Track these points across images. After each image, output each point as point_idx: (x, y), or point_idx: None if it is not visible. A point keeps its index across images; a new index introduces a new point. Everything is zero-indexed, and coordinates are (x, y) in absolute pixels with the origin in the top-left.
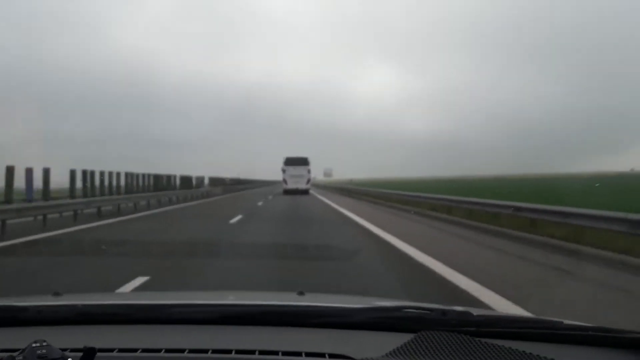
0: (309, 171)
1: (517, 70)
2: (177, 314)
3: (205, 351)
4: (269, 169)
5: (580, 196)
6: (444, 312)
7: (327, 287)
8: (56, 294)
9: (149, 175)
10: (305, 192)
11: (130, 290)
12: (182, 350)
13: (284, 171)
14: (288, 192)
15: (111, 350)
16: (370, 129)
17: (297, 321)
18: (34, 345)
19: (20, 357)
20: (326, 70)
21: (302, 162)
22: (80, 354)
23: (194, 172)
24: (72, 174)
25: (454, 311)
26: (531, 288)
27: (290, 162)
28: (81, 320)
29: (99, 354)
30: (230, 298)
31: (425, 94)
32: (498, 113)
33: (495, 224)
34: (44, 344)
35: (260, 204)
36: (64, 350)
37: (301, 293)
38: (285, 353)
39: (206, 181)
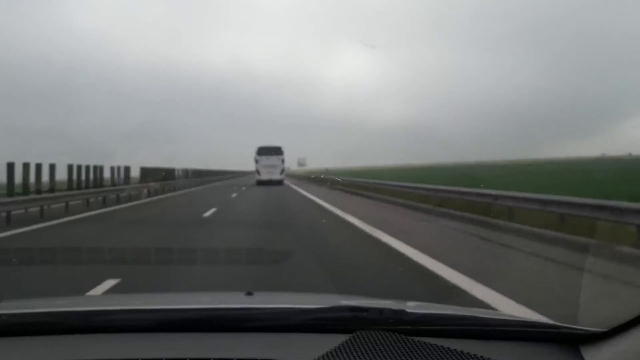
0: (282, 161)
1: (495, 57)
2: (114, 321)
3: None
4: (241, 160)
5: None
6: (380, 312)
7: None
8: None
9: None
10: (279, 182)
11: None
12: None
13: (256, 161)
14: (261, 183)
15: None
16: (345, 117)
17: (235, 326)
18: None
19: None
20: (299, 56)
21: (276, 151)
22: None
23: (147, 164)
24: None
25: (390, 310)
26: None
27: (263, 151)
28: (11, 332)
29: None
30: (174, 302)
31: (400, 80)
32: (474, 100)
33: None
34: None
35: (212, 211)
36: None
37: (249, 293)
38: None
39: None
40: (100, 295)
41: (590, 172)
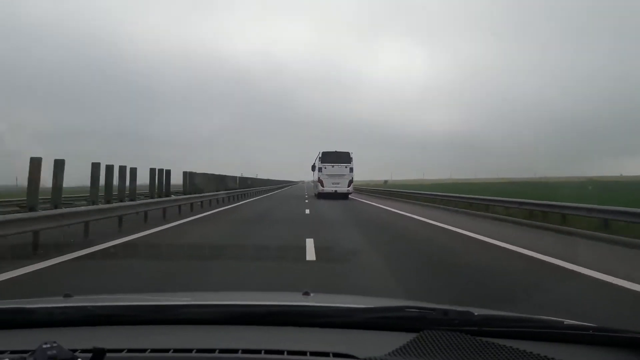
0: (351, 170)
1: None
2: (185, 314)
3: (213, 351)
4: (275, 168)
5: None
6: (445, 312)
7: None
8: (67, 295)
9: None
10: (344, 196)
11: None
12: (189, 350)
13: (319, 170)
14: (323, 196)
15: (120, 350)
16: (387, 125)
17: (302, 321)
18: (44, 346)
19: (31, 358)
20: (335, 52)
21: (344, 158)
22: (90, 354)
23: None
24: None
25: (455, 311)
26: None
27: (329, 157)
28: (90, 322)
29: (108, 354)
30: (237, 298)
31: (450, 86)
32: (532, 109)
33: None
34: (54, 344)
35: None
36: (73, 351)
37: (306, 293)
38: (290, 352)
39: None
40: (171, 293)
41: None
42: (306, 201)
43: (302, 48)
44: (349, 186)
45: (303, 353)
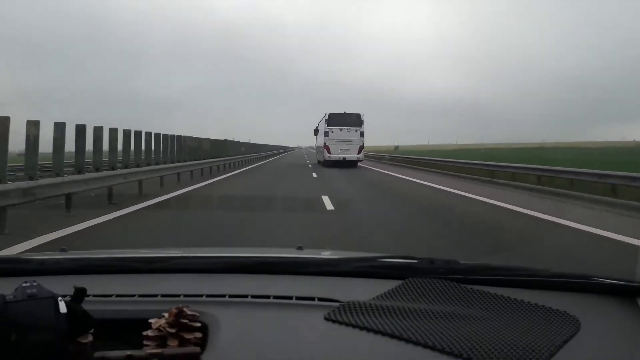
0: (362, 134)
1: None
2: (175, 265)
3: (200, 295)
4: (270, 132)
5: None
6: (431, 261)
7: None
8: (62, 249)
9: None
10: (353, 164)
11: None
12: (177, 295)
13: (325, 134)
14: (329, 163)
15: (109, 295)
16: (392, 89)
17: (289, 270)
18: (24, 284)
19: (11, 296)
20: (336, 7)
21: (354, 120)
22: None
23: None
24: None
25: (441, 260)
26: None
27: (336, 120)
28: (83, 272)
29: (97, 298)
30: (232, 252)
31: (455, 47)
32: (536, 74)
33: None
34: (34, 283)
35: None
36: (62, 296)
37: (300, 248)
38: (276, 297)
39: None
40: (162, 249)
41: None
42: (314, 175)
43: (300, 3)
44: (359, 153)
45: (289, 297)
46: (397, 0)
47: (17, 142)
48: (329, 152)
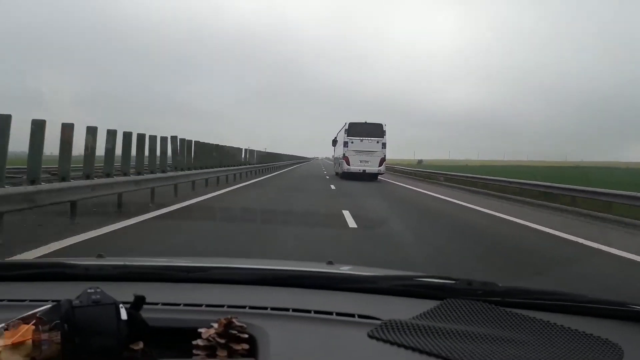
0: (383, 146)
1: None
2: (217, 274)
3: (243, 307)
4: (286, 142)
5: None
6: (469, 282)
7: None
8: (100, 255)
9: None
10: (373, 177)
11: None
12: (221, 306)
13: (345, 144)
14: (347, 175)
15: (155, 304)
16: (412, 100)
17: (328, 285)
18: (89, 290)
19: (77, 301)
20: (355, 16)
21: (375, 131)
22: (129, 304)
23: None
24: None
25: (479, 282)
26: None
27: (357, 130)
28: (125, 278)
29: (145, 305)
30: (266, 264)
31: (480, 60)
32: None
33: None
34: (98, 289)
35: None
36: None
37: (330, 263)
38: (317, 312)
39: None
40: (203, 257)
41: None
42: (332, 187)
43: (317, 9)
44: (380, 165)
45: (329, 313)
46: (420, 10)
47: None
48: (348, 164)
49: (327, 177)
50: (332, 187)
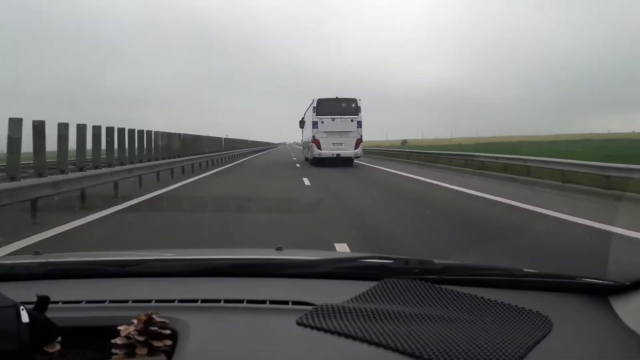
0: (359, 124)
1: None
2: (148, 268)
3: (172, 301)
4: (249, 128)
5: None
6: (406, 261)
7: None
8: (36, 253)
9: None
10: (347, 161)
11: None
12: (148, 301)
13: (314, 125)
14: (318, 161)
15: (79, 301)
16: (382, 78)
17: (265, 273)
18: None
19: None
20: None
21: (348, 107)
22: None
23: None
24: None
25: (416, 260)
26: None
27: (327, 107)
28: (53, 276)
29: (67, 305)
30: (208, 254)
31: (451, 32)
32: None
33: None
34: None
35: None
36: (27, 303)
37: (279, 248)
38: (249, 301)
39: None
40: (136, 251)
41: None
42: (305, 182)
43: None
44: (356, 148)
45: (262, 302)
46: None
47: None
48: (319, 148)
49: (298, 165)
50: (306, 181)
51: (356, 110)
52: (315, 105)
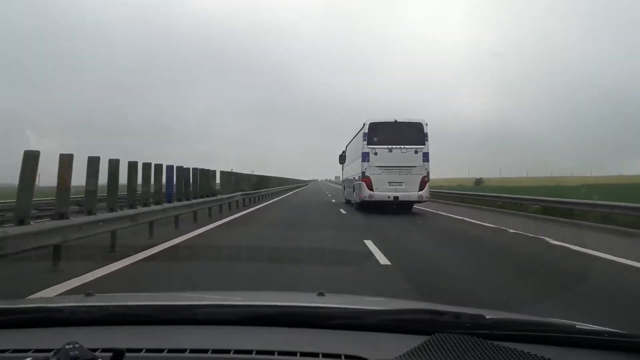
0: (425, 157)
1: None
2: (201, 314)
3: (228, 351)
4: (278, 164)
5: None
6: (457, 315)
7: None
8: (89, 294)
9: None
10: (409, 206)
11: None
12: (205, 351)
13: (364, 157)
14: (366, 205)
15: (139, 350)
16: (435, 113)
17: (314, 322)
18: (67, 346)
19: (55, 358)
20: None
21: (411, 134)
22: (111, 354)
23: None
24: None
25: (467, 314)
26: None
27: (383, 133)
28: (112, 321)
29: (128, 354)
30: (254, 299)
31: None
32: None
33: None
34: (77, 345)
35: None
36: (95, 350)
37: (321, 294)
38: (303, 354)
39: None
40: (185, 293)
41: None
42: (368, 246)
43: (310, 9)
44: (421, 189)
45: (315, 355)
46: (429, 10)
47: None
48: (371, 188)
49: (344, 212)
50: (374, 250)
51: (422, 139)
52: (366, 130)
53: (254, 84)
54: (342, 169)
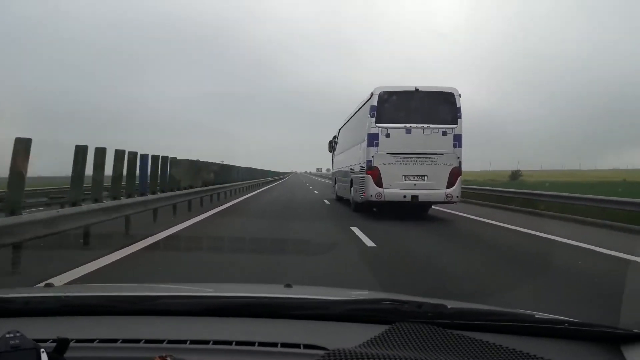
0: (457, 141)
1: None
2: (160, 305)
3: (184, 342)
4: (253, 155)
5: None
6: (419, 305)
7: None
8: (48, 284)
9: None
10: (425, 207)
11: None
12: (161, 341)
13: (370, 140)
14: (374, 204)
15: (92, 340)
16: None
17: (278, 313)
18: (7, 335)
19: None
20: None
21: (439, 108)
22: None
23: None
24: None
25: (429, 304)
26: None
27: (396, 107)
28: (67, 312)
29: (80, 344)
30: (218, 290)
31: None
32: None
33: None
34: (17, 334)
35: None
36: (45, 341)
37: (288, 285)
38: (261, 344)
39: None
40: (148, 285)
41: None
42: None
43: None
44: (450, 185)
45: (274, 344)
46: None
47: None
48: (379, 184)
49: (348, 217)
50: None
51: (454, 115)
52: (374, 102)
53: (231, 71)
54: (333, 158)
